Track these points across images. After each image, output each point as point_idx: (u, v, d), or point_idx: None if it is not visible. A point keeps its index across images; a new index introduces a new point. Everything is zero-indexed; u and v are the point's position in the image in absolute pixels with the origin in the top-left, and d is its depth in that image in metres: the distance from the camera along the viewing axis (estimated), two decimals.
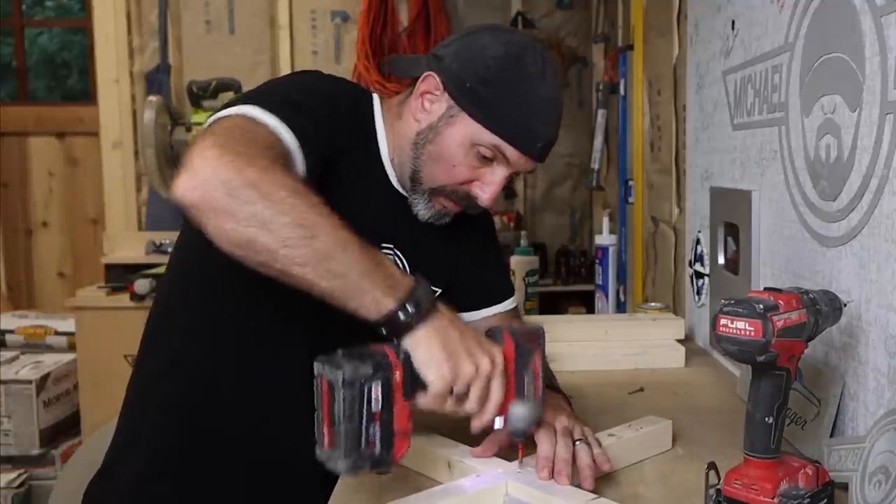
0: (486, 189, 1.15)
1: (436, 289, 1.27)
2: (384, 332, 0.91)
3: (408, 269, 1.22)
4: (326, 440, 0.86)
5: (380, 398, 0.85)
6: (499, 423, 0.97)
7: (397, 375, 0.88)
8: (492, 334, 1.00)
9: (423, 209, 1.18)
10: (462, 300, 1.33)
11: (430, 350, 0.91)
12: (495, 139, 1.11)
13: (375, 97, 1.23)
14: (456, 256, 1.31)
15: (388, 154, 1.20)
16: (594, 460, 1.01)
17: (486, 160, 1.13)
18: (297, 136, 0.99)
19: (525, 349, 0.99)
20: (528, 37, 1.17)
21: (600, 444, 1.05)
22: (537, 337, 1.00)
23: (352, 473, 0.87)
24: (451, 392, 0.92)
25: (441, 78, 1.13)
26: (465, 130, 1.12)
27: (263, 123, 0.97)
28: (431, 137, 1.14)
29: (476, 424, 0.96)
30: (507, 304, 1.37)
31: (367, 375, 0.85)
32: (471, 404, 0.94)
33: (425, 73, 1.15)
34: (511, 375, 0.97)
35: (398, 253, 1.22)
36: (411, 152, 1.16)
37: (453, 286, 1.30)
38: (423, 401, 0.92)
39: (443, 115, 1.13)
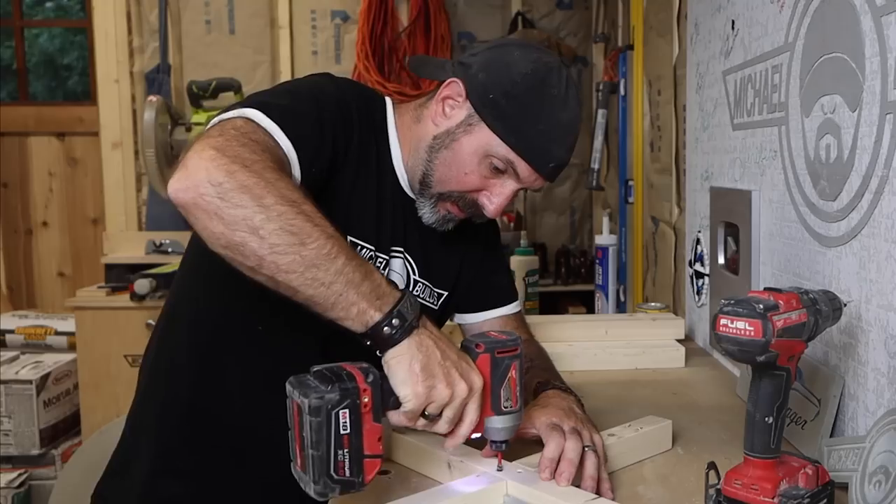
0: (494, 200, 1.16)
1: (442, 291, 1.28)
2: (367, 343, 0.91)
3: (416, 272, 1.24)
4: (299, 462, 0.87)
5: (348, 423, 0.85)
6: (476, 436, 0.97)
7: (366, 399, 0.86)
8: (468, 346, 0.99)
9: (428, 213, 1.19)
10: (466, 302, 1.35)
11: (408, 368, 0.90)
12: (510, 153, 1.12)
13: (388, 101, 1.24)
14: (462, 259, 1.32)
15: (400, 158, 1.22)
16: (598, 473, 1.00)
17: (498, 172, 1.14)
18: (294, 143, 0.99)
19: (501, 361, 0.97)
20: (557, 59, 1.18)
21: (606, 459, 1.04)
22: (515, 347, 0.99)
23: (322, 498, 0.87)
24: (424, 413, 0.92)
25: (465, 86, 1.14)
26: (482, 140, 1.13)
27: (263, 127, 0.98)
28: (447, 143, 1.15)
29: (448, 445, 0.96)
30: (511, 308, 1.38)
31: (333, 402, 0.84)
32: (441, 426, 0.94)
33: (450, 80, 1.16)
34: (487, 389, 0.96)
35: (407, 256, 1.23)
36: (425, 155, 1.17)
37: (459, 288, 1.31)
38: (395, 418, 0.92)
39: (462, 122, 1.15)
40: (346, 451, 0.85)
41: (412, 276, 1.24)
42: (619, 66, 2.71)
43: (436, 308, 1.29)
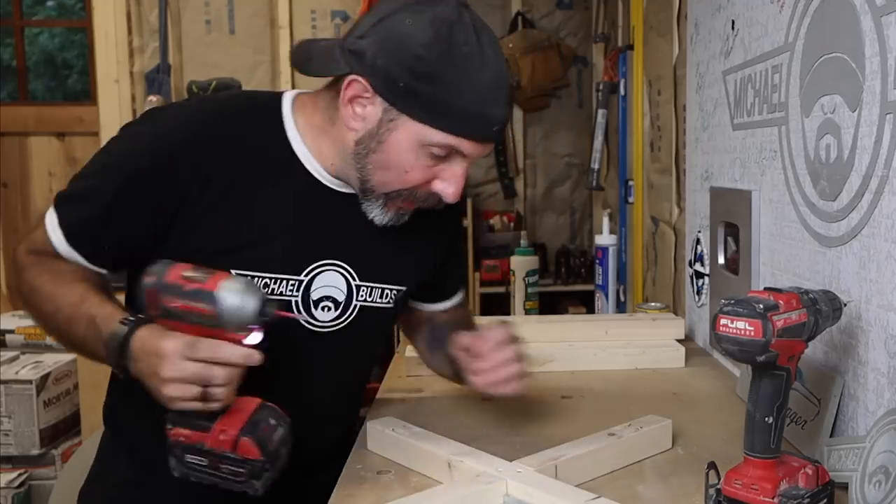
0: (450, 185, 1.07)
1: (399, 288, 1.22)
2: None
3: (357, 276, 1.17)
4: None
5: (202, 458, 0.95)
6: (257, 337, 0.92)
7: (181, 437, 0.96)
8: None
9: (378, 215, 1.11)
10: (419, 293, 1.32)
11: (153, 393, 0.95)
12: (447, 137, 1.02)
13: (286, 97, 1.14)
14: (427, 251, 1.26)
15: (313, 159, 1.12)
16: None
17: (441, 158, 1.05)
18: (66, 235, 1.06)
19: None
20: (453, 4, 1.02)
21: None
22: None
23: (257, 493, 0.96)
24: (194, 398, 0.92)
25: (367, 80, 1.02)
26: (411, 133, 1.03)
27: (46, 231, 1.07)
28: (374, 146, 1.05)
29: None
30: (456, 299, 1.37)
31: (191, 465, 0.97)
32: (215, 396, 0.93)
33: (348, 79, 1.03)
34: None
35: (344, 265, 1.16)
36: (354, 162, 1.08)
37: (426, 279, 1.28)
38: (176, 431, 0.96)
39: (381, 120, 1.04)
40: (221, 465, 0.95)
41: (353, 283, 1.16)
42: (619, 66, 2.71)
43: (391, 306, 1.22)
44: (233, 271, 1.04)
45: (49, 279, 1.06)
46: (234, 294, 0.89)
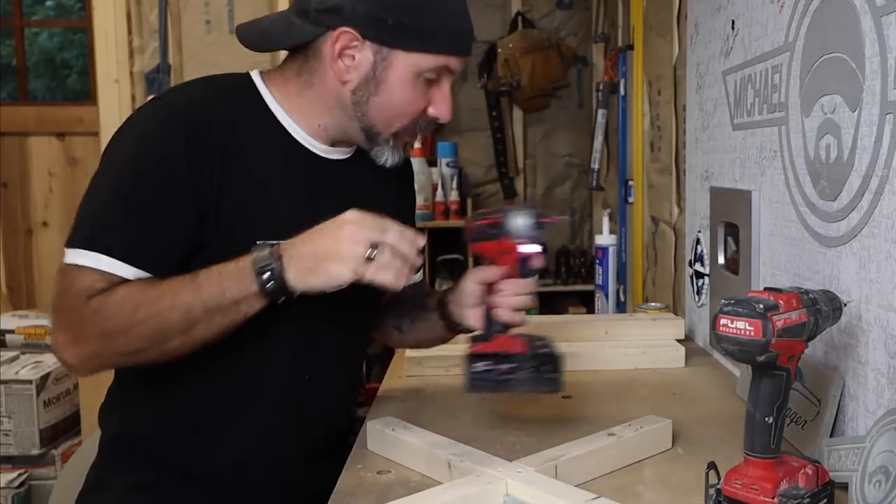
0: (442, 106, 1.15)
1: None
2: (281, 301, 1.00)
3: None
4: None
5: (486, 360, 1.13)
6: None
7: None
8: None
9: (390, 157, 1.17)
10: None
11: (308, 277, 0.98)
12: (438, 58, 1.10)
13: (254, 74, 1.18)
14: (391, 213, 1.25)
15: (297, 124, 1.16)
16: None
17: (432, 81, 1.13)
18: (135, 265, 1.02)
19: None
20: None
21: None
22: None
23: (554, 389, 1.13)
24: (370, 258, 0.97)
25: (355, 29, 1.08)
26: (407, 66, 1.10)
27: (83, 270, 1.01)
28: (373, 89, 1.11)
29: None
30: (417, 277, 1.38)
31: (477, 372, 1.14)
32: (393, 253, 0.98)
33: (337, 32, 1.08)
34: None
35: None
36: (353, 111, 1.13)
37: None
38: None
39: (374, 63, 1.09)
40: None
41: None
42: (619, 66, 2.71)
43: None
44: (259, 243, 1.05)
45: (144, 289, 1.01)
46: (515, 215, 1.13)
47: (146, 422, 1.16)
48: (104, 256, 1.01)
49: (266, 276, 0.98)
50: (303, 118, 1.16)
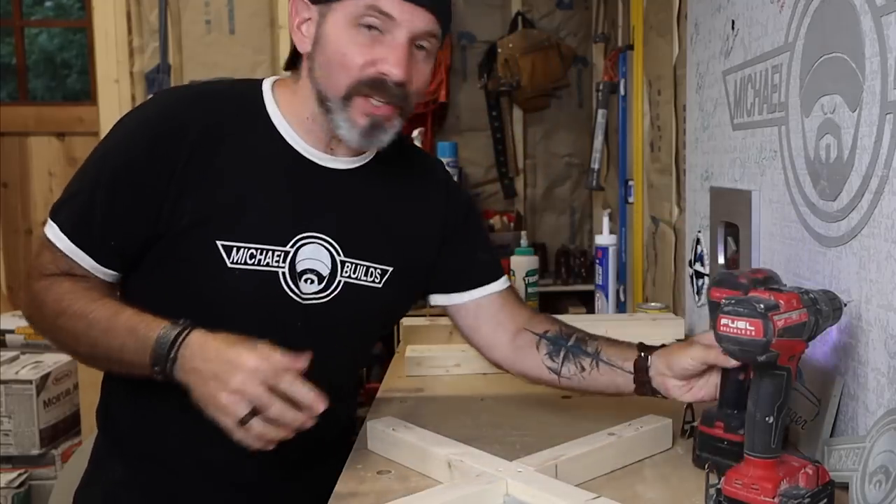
0: (391, 59, 1.06)
1: (385, 267, 1.20)
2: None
3: (341, 251, 1.16)
4: None
5: None
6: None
7: None
8: None
9: (346, 129, 1.10)
10: (444, 283, 1.28)
11: (197, 392, 0.96)
12: None
13: (265, 80, 1.19)
14: (416, 234, 1.25)
15: (295, 134, 1.15)
16: None
17: (377, 33, 1.06)
18: (70, 236, 1.08)
19: None
20: None
21: None
22: None
23: None
24: (244, 421, 0.93)
25: None
26: (339, 14, 1.07)
27: (55, 247, 1.09)
28: (318, 50, 1.10)
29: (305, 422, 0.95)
30: (500, 285, 1.30)
31: None
32: (274, 420, 0.93)
33: (291, 4, 1.12)
34: None
35: (325, 238, 1.15)
36: (309, 80, 1.12)
37: (417, 265, 1.25)
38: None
39: (316, 21, 1.09)
40: None
41: (338, 259, 1.16)
42: (619, 66, 2.70)
43: (379, 286, 1.20)
44: (219, 242, 1.08)
45: (74, 298, 1.06)
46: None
47: (130, 418, 1.18)
48: (58, 231, 1.09)
49: (157, 368, 0.99)
50: (294, 116, 1.15)
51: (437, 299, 1.31)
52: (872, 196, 0.99)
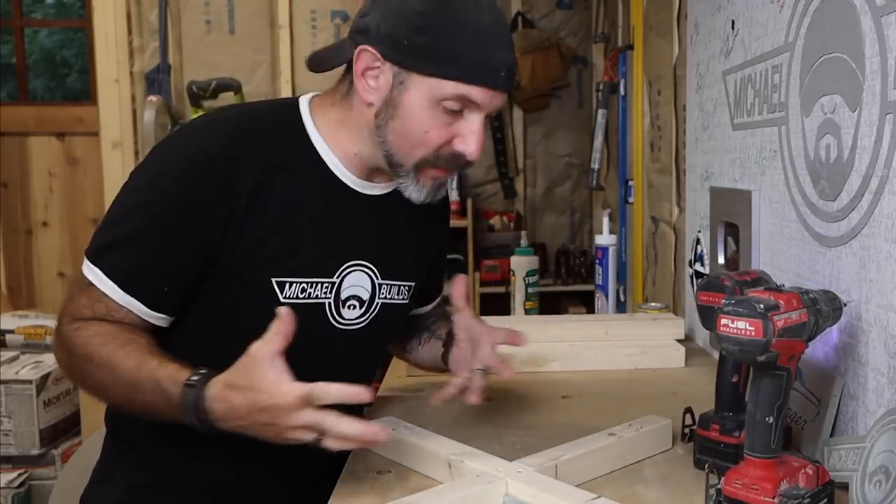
0: (470, 141, 1.08)
1: (410, 283, 1.25)
2: None
3: (379, 275, 1.19)
4: None
5: None
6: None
7: None
8: None
9: (414, 191, 1.13)
10: (422, 295, 1.34)
11: (260, 437, 0.96)
12: (458, 86, 1.04)
13: (302, 101, 1.17)
14: (422, 247, 1.29)
15: (335, 157, 1.14)
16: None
17: (456, 113, 1.07)
18: (122, 285, 1.04)
19: None
20: None
21: None
22: None
23: None
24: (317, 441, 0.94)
25: (375, 48, 1.05)
26: (423, 90, 1.05)
27: (99, 293, 1.04)
28: (391, 113, 1.07)
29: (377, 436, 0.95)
30: (437, 300, 1.40)
31: None
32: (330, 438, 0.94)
33: (357, 50, 1.07)
34: None
35: (365, 264, 1.17)
36: (377, 137, 1.10)
37: (424, 276, 1.30)
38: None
39: (392, 84, 1.06)
40: None
41: (377, 282, 1.19)
42: (619, 66, 2.71)
43: (406, 302, 1.26)
44: (273, 279, 1.08)
45: (101, 343, 1.02)
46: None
47: (146, 423, 1.17)
48: (102, 274, 1.04)
49: (199, 428, 0.97)
50: (340, 147, 1.15)
51: None
52: (872, 196, 0.99)
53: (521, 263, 2.11)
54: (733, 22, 1.52)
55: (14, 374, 2.80)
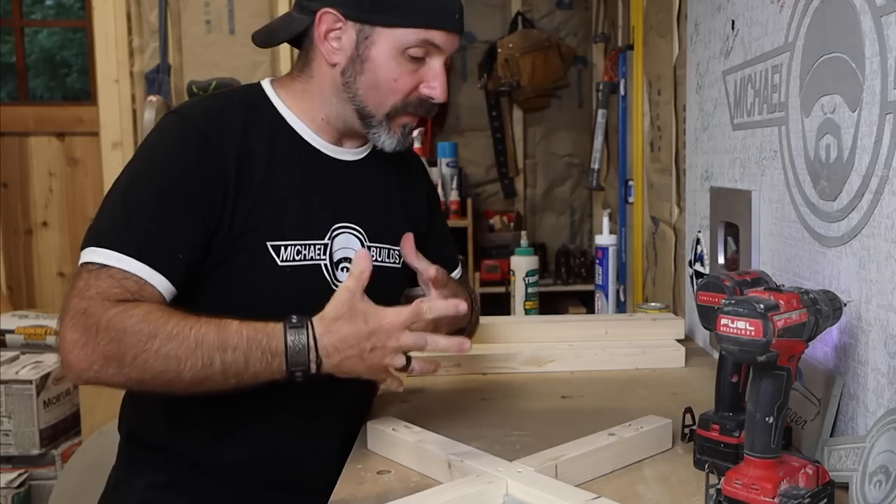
0: (435, 84, 1.16)
1: (396, 248, 1.26)
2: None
3: (367, 237, 1.23)
4: None
5: None
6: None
7: None
8: None
9: (386, 139, 1.19)
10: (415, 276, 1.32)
11: (354, 371, 1.01)
12: (420, 33, 1.12)
13: (265, 84, 1.23)
14: (407, 216, 1.31)
15: (306, 128, 1.20)
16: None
17: (419, 60, 1.15)
18: (147, 263, 1.03)
19: None
20: None
21: None
22: None
23: None
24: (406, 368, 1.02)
25: (337, 10, 1.13)
26: (389, 42, 1.13)
27: (109, 268, 1.01)
28: (359, 68, 1.14)
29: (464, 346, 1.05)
30: (455, 276, 1.39)
31: None
32: (437, 341, 1.03)
33: (320, 14, 1.13)
34: None
35: (352, 226, 1.21)
36: (345, 94, 1.16)
37: (420, 248, 1.29)
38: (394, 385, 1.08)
39: (357, 42, 1.14)
40: None
41: (365, 244, 1.23)
42: (619, 66, 2.71)
43: (399, 266, 1.28)
44: (269, 243, 1.12)
45: (162, 318, 0.98)
46: None
47: (161, 422, 1.18)
48: (115, 253, 1.02)
49: (298, 373, 0.99)
50: (307, 115, 1.20)
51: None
52: (872, 196, 0.99)
53: (521, 263, 2.11)
54: (733, 22, 1.52)
55: (14, 374, 2.80)
